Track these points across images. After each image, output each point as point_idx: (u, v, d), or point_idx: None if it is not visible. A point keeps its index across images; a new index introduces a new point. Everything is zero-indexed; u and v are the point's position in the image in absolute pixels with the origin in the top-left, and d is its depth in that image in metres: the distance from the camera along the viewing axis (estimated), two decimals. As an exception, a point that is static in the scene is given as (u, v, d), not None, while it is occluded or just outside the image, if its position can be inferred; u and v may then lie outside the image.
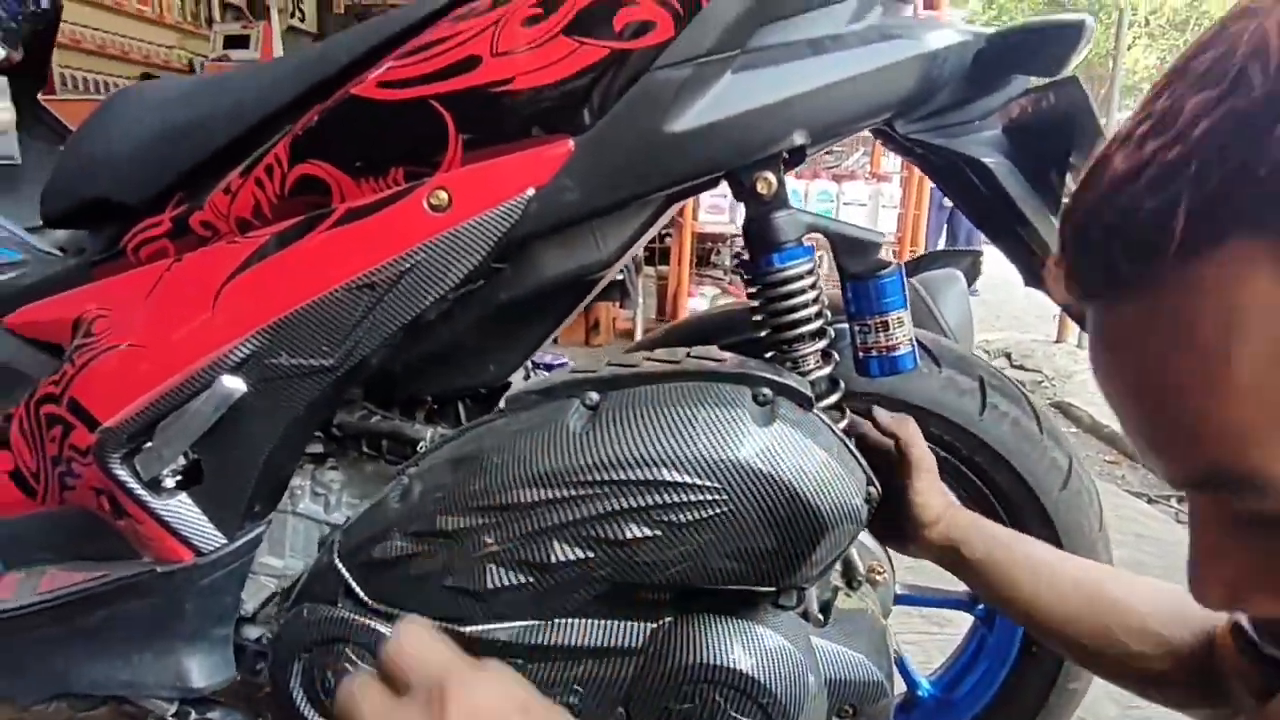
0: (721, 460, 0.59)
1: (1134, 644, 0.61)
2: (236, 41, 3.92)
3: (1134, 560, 1.97)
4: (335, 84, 0.66)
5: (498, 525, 0.62)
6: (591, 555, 0.61)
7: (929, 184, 4.01)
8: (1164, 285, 0.27)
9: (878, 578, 0.87)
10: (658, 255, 4.80)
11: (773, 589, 0.65)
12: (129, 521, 0.77)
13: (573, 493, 0.61)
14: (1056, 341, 4.67)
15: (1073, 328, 4.59)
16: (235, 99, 0.70)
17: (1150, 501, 2.72)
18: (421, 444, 0.76)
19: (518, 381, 0.87)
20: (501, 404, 0.74)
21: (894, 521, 0.71)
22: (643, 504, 0.60)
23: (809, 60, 0.65)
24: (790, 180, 2.71)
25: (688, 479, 0.59)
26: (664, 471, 0.59)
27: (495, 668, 0.42)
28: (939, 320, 0.98)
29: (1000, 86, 0.75)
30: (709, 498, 0.59)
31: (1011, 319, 5.79)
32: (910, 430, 0.71)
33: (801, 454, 0.61)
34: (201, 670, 0.79)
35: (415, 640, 0.40)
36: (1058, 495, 0.82)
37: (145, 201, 0.76)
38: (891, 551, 0.91)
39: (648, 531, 0.60)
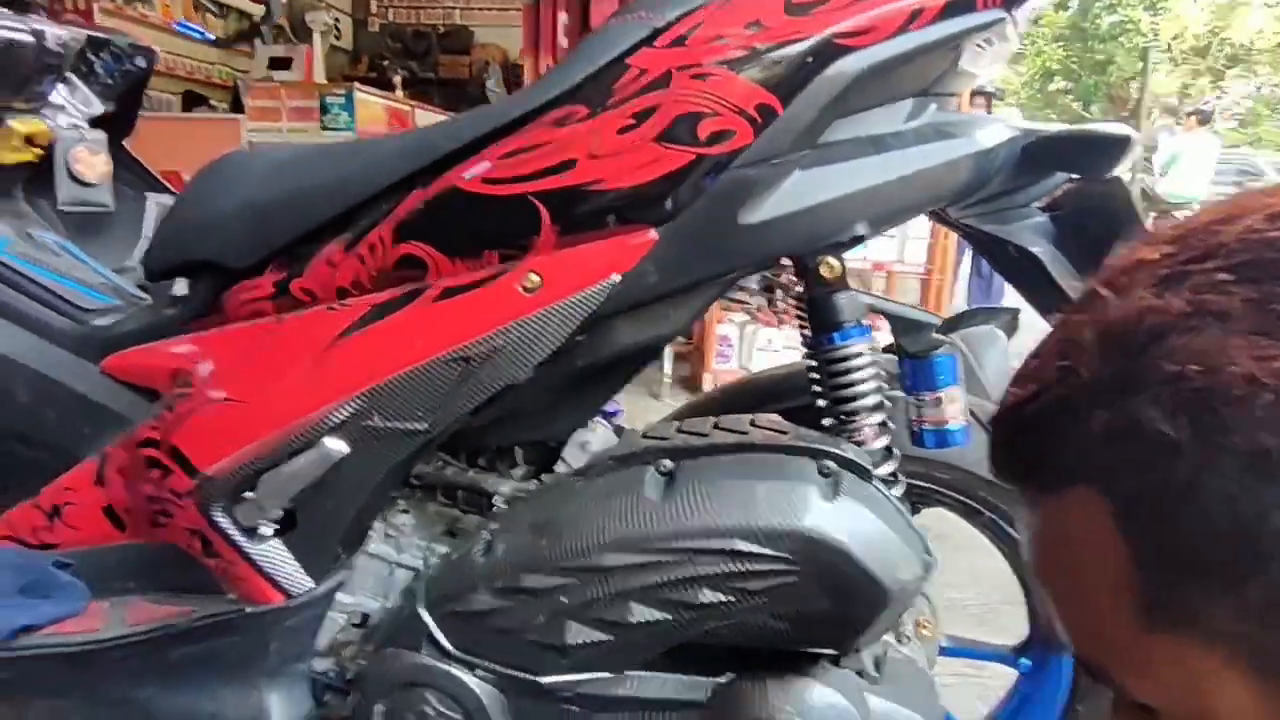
0: (789, 532, 0.64)
1: None
2: (279, 63, 4.02)
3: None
4: (435, 170, 0.71)
5: (580, 586, 0.67)
6: (667, 617, 0.66)
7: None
8: (1036, 505, 0.33)
9: (925, 631, 0.91)
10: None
11: (833, 651, 0.69)
12: (220, 561, 0.83)
13: (651, 559, 0.66)
14: None
15: None
16: (338, 176, 0.76)
17: None
18: (497, 497, 0.81)
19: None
20: (574, 464, 0.79)
21: None
22: (716, 571, 0.64)
23: (871, 158, 0.70)
24: None
25: (758, 549, 0.64)
26: (737, 542, 0.64)
27: None
28: (979, 378, 1.02)
29: (1046, 177, 0.80)
30: (778, 567, 0.64)
31: (1039, 332, 5.78)
32: None
33: (864, 527, 0.65)
34: (282, 705, 0.84)
35: None
36: None
37: (246, 265, 0.81)
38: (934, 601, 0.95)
39: (721, 597, 0.65)
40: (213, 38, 1.27)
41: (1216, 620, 0.27)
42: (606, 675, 0.71)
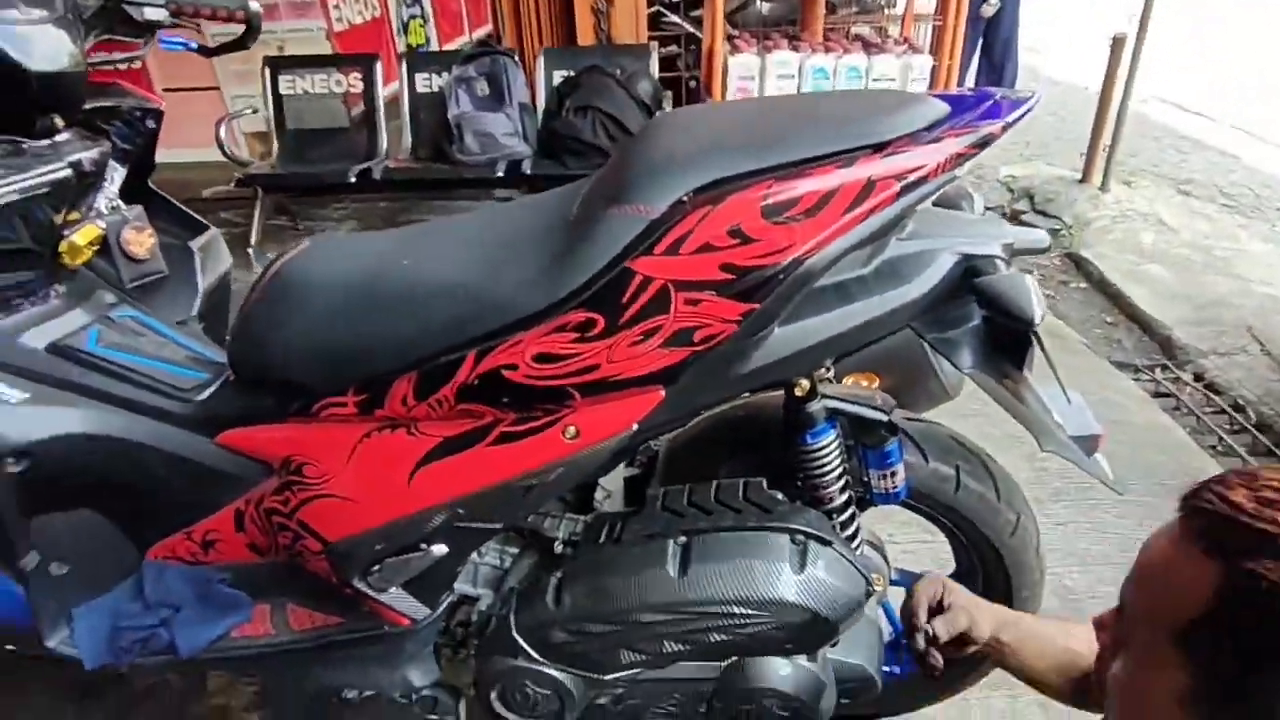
0: (770, 601, 0.91)
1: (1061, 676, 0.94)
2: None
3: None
4: (482, 340, 0.87)
5: (626, 631, 0.96)
6: (687, 647, 0.96)
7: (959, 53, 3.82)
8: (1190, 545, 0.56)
9: (877, 587, 1.22)
10: (684, 5, 4.34)
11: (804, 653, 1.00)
12: (355, 595, 1.12)
13: (674, 617, 0.94)
14: (1081, 181, 4.66)
15: (1098, 167, 4.58)
16: (402, 332, 0.90)
17: (1136, 372, 2.95)
18: (555, 542, 1.08)
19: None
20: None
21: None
22: (720, 625, 0.93)
23: (836, 312, 0.87)
24: (820, 58, 2.89)
25: (748, 612, 0.92)
26: (734, 608, 0.92)
27: None
28: (937, 371, 1.20)
29: None
30: (763, 622, 0.92)
31: (1041, 145, 5.65)
32: (959, 621, 0.95)
33: (821, 588, 0.92)
34: (417, 674, 1.18)
35: None
36: (1008, 540, 1.14)
37: (327, 389, 1.00)
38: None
39: (724, 637, 0.95)
40: (194, 46, 1.21)
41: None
42: (650, 669, 1.03)
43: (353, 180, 3.24)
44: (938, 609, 0.97)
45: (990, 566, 1.21)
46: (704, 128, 0.90)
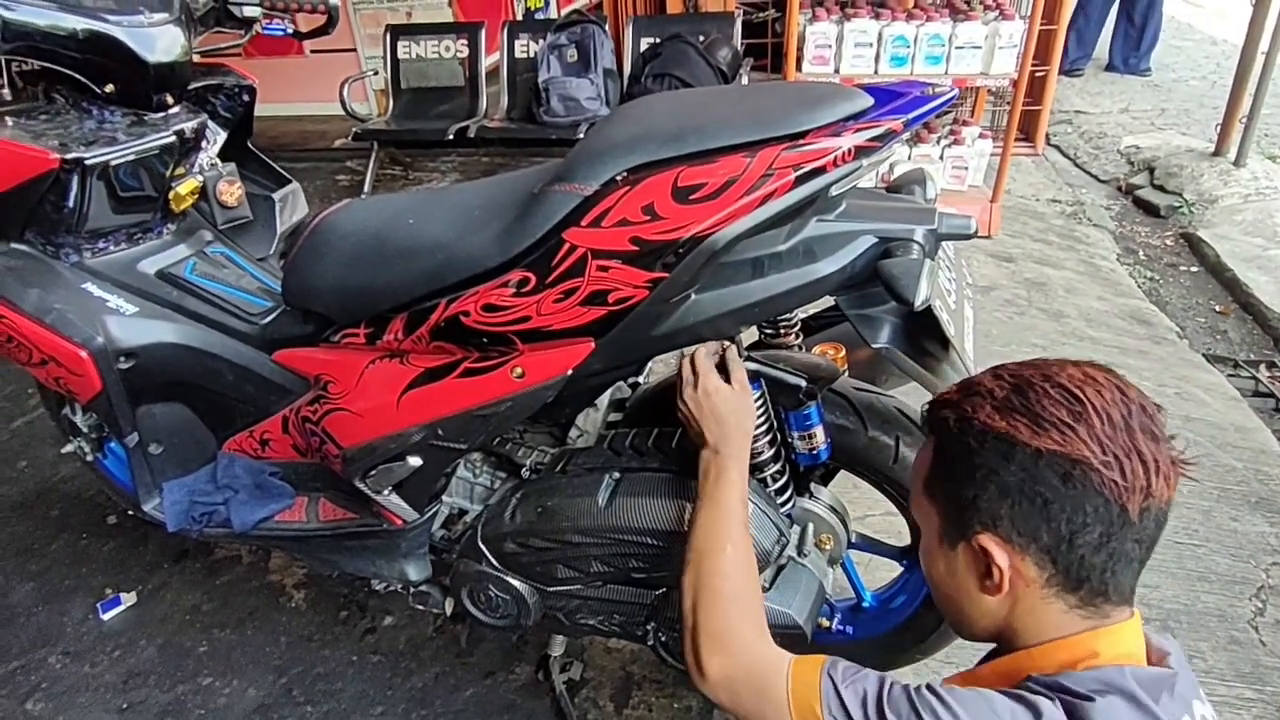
0: (676, 535, 1.04)
1: None
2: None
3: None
4: (448, 291, 1.04)
5: (560, 548, 1.12)
6: (609, 569, 1.11)
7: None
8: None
9: (825, 545, 1.31)
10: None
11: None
12: (366, 495, 1.34)
13: (599, 540, 1.09)
14: (1213, 154, 4.26)
15: (1234, 139, 4.16)
16: (394, 281, 1.09)
17: (1235, 368, 2.72)
18: (524, 469, 1.24)
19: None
20: (583, 424, 1.21)
21: None
22: (636, 553, 1.07)
23: (751, 284, 0.96)
24: (900, 26, 2.89)
25: (659, 544, 1.05)
26: (645, 538, 1.05)
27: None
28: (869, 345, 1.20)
29: None
30: (673, 556, 1.05)
31: (1180, 113, 5.17)
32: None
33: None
34: (413, 570, 1.39)
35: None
36: None
37: (347, 321, 1.21)
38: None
39: (642, 564, 1.08)
40: (290, 31, 1.39)
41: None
42: (588, 586, 1.18)
43: (450, 137, 3.54)
44: None
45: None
46: (648, 117, 1.01)
